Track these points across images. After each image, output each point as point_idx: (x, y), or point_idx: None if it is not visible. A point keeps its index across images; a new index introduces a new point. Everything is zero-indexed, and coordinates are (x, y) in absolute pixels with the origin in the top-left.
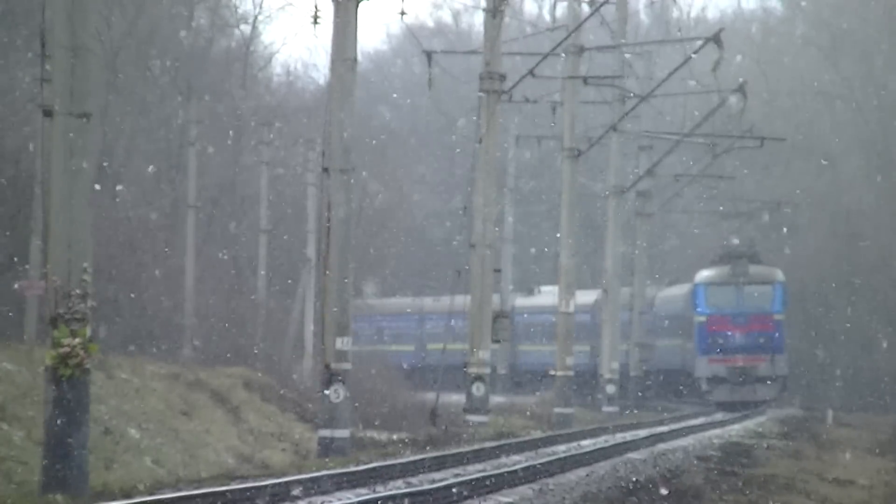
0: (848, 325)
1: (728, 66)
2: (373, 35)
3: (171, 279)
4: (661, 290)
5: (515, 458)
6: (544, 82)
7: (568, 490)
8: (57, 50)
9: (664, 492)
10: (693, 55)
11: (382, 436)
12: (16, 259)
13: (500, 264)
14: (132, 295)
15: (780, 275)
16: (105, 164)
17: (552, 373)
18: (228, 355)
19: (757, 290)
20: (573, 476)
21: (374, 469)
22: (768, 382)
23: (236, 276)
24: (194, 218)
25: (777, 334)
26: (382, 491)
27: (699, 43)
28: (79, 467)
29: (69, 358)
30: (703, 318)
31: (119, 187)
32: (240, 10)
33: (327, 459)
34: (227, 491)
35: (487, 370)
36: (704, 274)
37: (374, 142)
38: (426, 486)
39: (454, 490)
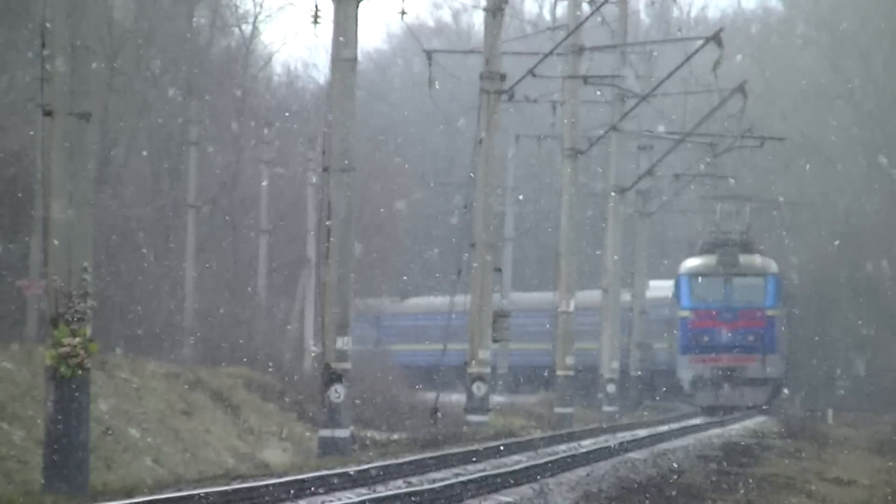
0: (848, 325)
1: (728, 66)
2: (373, 34)
3: (171, 279)
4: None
5: (516, 457)
6: (544, 82)
7: (568, 490)
8: (57, 50)
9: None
10: (694, 55)
11: (382, 436)
12: (16, 259)
13: (501, 264)
14: (132, 294)
15: (773, 266)
16: (105, 163)
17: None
18: (229, 355)
19: (747, 282)
20: (573, 476)
21: (374, 469)
22: (759, 385)
23: (236, 276)
24: (194, 218)
25: (769, 332)
26: (382, 491)
27: (699, 42)
28: (79, 467)
29: (69, 358)
30: (686, 313)
31: (119, 187)
32: (240, 10)
33: (327, 459)
34: (227, 491)
35: (487, 370)
36: (689, 264)
37: (374, 141)
38: (426, 486)
39: (454, 490)
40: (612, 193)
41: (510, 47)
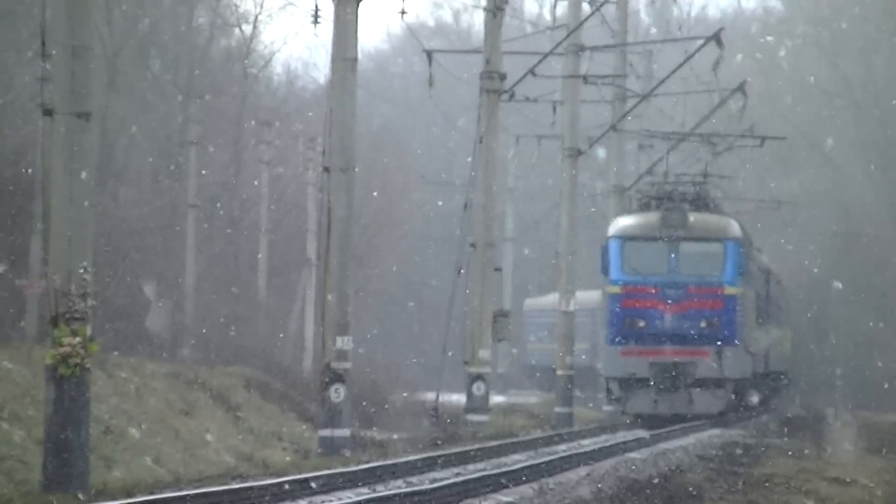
0: (848, 324)
1: (728, 65)
2: (373, 34)
3: (171, 279)
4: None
5: (516, 457)
6: (545, 81)
7: (568, 489)
8: (57, 50)
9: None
10: (694, 54)
11: (382, 436)
12: (16, 259)
13: (501, 264)
14: (132, 294)
15: (735, 228)
16: (105, 163)
17: None
18: (229, 355)
19: (700, 248)
20: (573, 475)
21: (374, 469)
22: (713, 387)
23: (236, 276)
24: (194, 217)
25: (728, 316)
26: (382, 491)
27: (699, 42)
28: (79, 467)
29: (69, 357)
30: (616, 289)
31: (119, 187)
32: (240, 10)
33: (327, 459)
34: (227, 491)
35: (488, 369)
36: (621, 223)
37: (374, 142)
38: (426, 486)
39: (454, 490)
40: (613, 193)
41: (510, 47)
